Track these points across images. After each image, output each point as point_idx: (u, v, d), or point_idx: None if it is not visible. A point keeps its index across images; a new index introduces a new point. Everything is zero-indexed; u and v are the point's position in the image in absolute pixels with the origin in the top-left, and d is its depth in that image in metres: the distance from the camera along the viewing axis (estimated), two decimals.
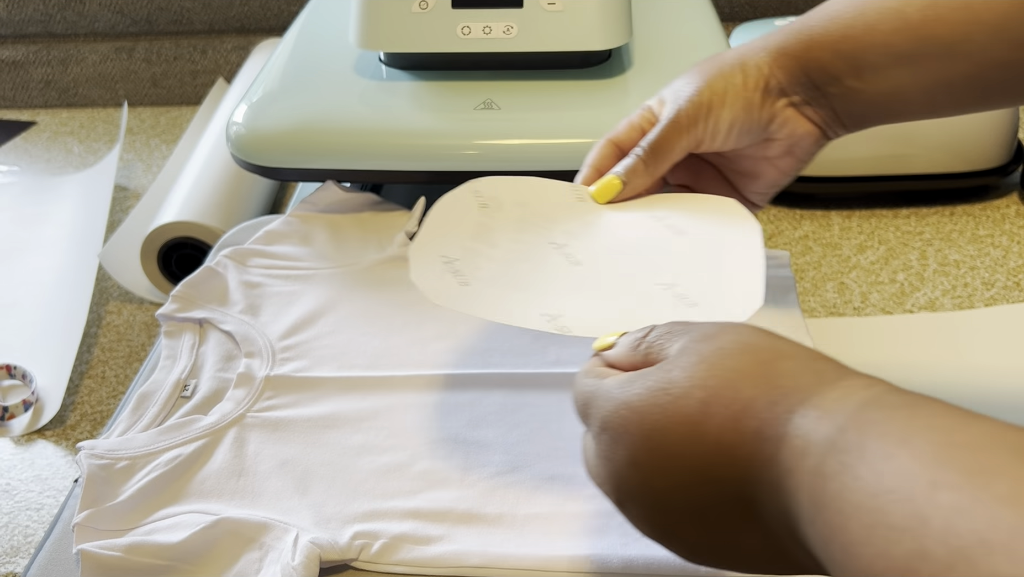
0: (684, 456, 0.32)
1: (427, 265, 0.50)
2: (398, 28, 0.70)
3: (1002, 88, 0.46)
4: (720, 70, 0.49)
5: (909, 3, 0.45)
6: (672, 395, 0.32)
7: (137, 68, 1.20)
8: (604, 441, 0.35)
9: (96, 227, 0.89)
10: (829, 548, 0.26)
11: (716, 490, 0.31)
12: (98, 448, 0.53)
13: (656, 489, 0.33)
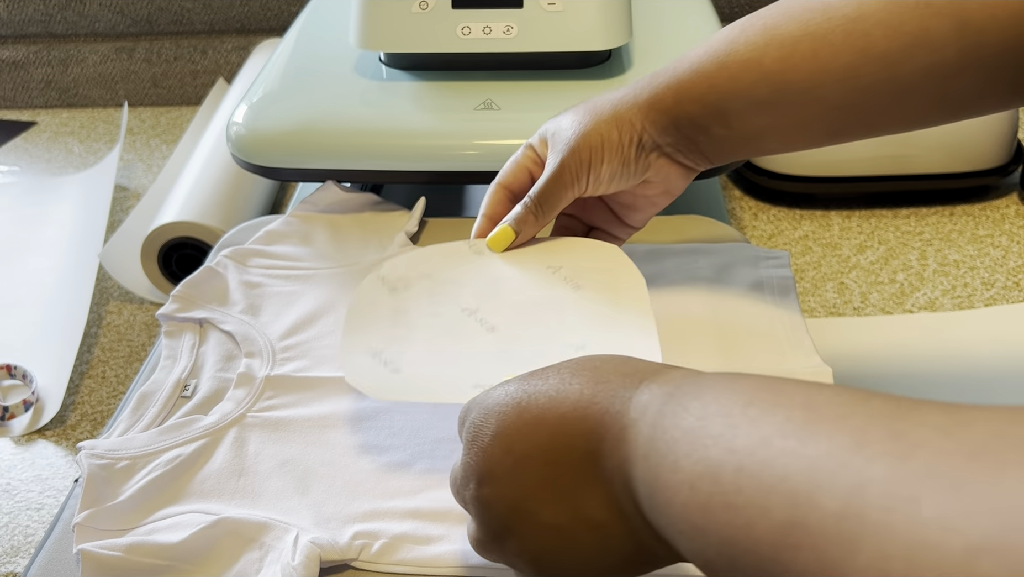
0: (544, 420, 0.36)
1: (357, 362, 0.52)
2: (398, 28, 0.70)
3: (850, 129, 0.51)
4: (597, 126, 0.53)
5: (766, 54, 0.49)
6: (538, 377, 0.38)
7: (137, 68, 1.20)
8: (473, 431, 0.39)
9: (96, 227, 0.89)
10: (656, 480, 0.31)
11: (568, 445, 0.35)
12: (98, 448, 0.53)
13: (516, 454, 0.36)
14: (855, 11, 0.47)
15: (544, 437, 0.36)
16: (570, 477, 0.35)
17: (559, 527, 0.36)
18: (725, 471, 0.28)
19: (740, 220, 0.90)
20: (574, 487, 0.35)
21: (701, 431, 0.30)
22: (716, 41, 0.52)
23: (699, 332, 0.60)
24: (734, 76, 0.50)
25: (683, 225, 0.70)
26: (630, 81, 0.72)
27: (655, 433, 0.32)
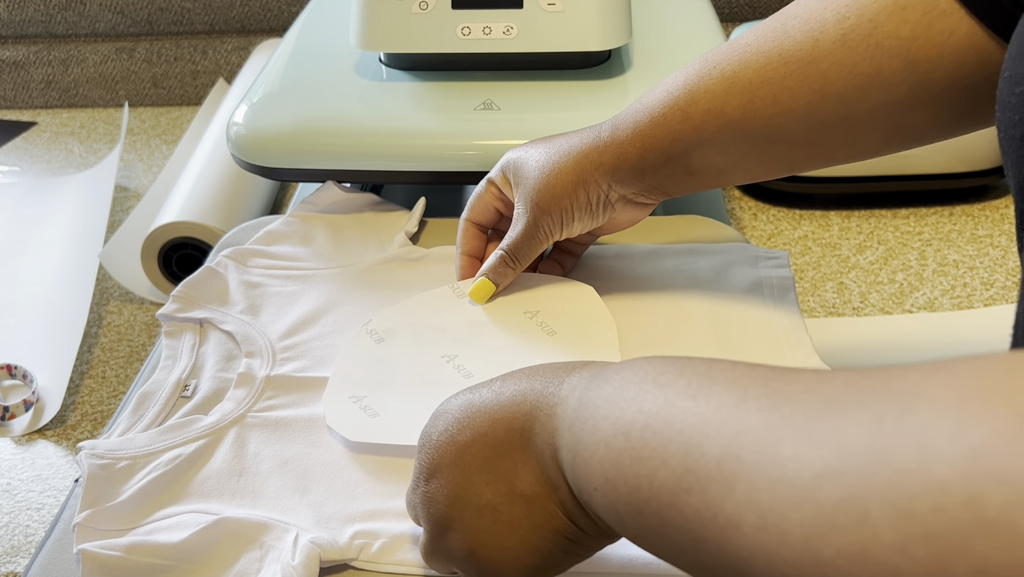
0: (485, 410, 0.40)
1: (339, 408, 0.56)
2: (398, 29, 0.70)
3: (808, 162, 0.54)
4: (564, 185, 0.56)
5: (727, 102, 0.51)
6: (483, 385, 0.42)
7: (138, 69, 1.21)
8: (424, 437, 0.43)
9: (97, 227, 0.89)
10: (578, 444, 0.35)
11: (507, 428, 0.39)
12: (99, 448, 0.53)
13: (459, 443, 0.40)
14: (810, 54, 0.49)
15: (485, 424, 0.39)
16: (507, 458, 0.39)
17: (495, 507, 0.39)
18: (634, 428, 0.32)
19: (740, 220, 0.90)
20: (510, 466, 0.39)
21: (617, 397, 0.34)
22: (675, 88, 0.53)
23: (698, 332, 0.60)
24: (697, 127, 0.52)
25: (683, 225, 0.70)
26: (630, 81, 0.73)
27: (580, 404, 0.36)
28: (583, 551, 0.40)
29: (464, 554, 0.40)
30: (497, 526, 0.39)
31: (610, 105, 0.71)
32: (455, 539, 0.40)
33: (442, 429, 0.41)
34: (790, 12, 0.52)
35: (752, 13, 1.16)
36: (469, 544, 0.40)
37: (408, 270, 0.67)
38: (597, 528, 0.38)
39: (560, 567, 0.40)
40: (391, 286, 0.65)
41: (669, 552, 0.32)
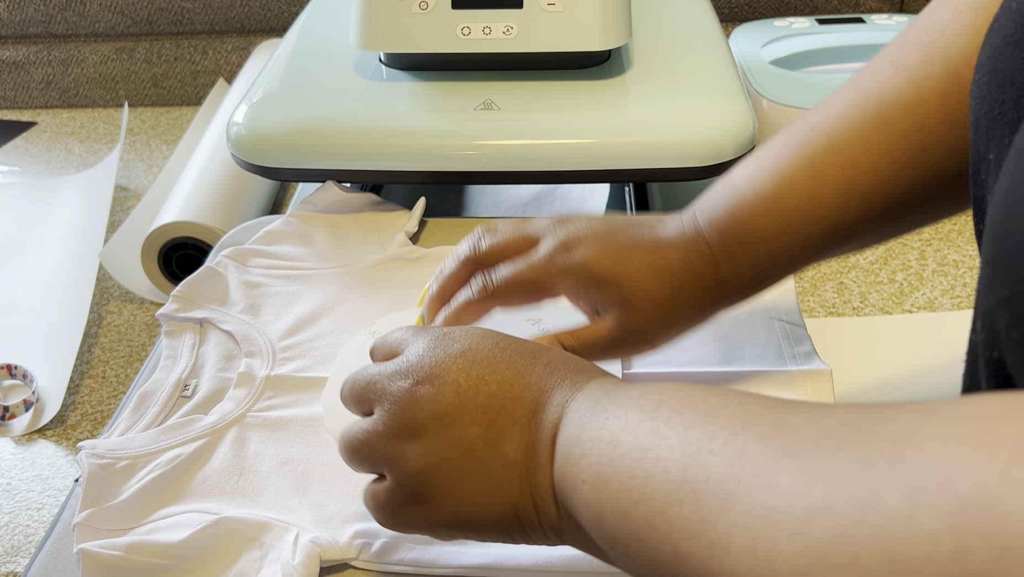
0: (507, 369, 0.40)
1: (336, 410, 0.53)
2: (398, 29, 0.70)
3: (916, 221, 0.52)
4: (678, 314, 0.50)
5: (847, 217, 0.48)
6: (511, 344, 0.42)
7: (138, 69, 1.21)
8: (440, 334, 0.42)
9: (97, 227, 0.89)
10: (581, 435, 0.36)
11: (515, 395, 0.39)
12: (99, 448, 0.53)
13: (471, 375, 0.40)
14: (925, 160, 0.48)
15: (500, 379, 0.39)
16: (505, 416, 0.39)
17: (473, 448, 0.38)
18: (642, 431, 0.34)
19: None
20: (506, 424, 0.39)
21: (635, 404, 0.35)
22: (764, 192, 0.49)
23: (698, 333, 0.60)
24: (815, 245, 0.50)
25: None
26: (630, 81, 0.73)
27: (597, 404, 0.37)
28: (521, 537, 0.40)
29: (415, 469, 0.39)
30: (464, 465, 0.39)
31: (610, 105, 0.71)
32: (414, 451, 0.39)
33: (460, 349, 0.41)
34: (887, 99, 0.48)
35: (752, 13, 1.16)
36: (426, 463, 0.39)
37: (408, 270, 0.67)
38: (551, 524, 0.38)
39: (487, 536, 0.40)
40: (391, 286, 0.65)
41: (640, 561, 0.32)
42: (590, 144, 0.68)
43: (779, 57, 0.95)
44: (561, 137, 0.69)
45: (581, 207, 0.88)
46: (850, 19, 1.03)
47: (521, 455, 0.38)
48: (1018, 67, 0.33)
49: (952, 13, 0.47)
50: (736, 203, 0.49)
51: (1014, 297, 0.27)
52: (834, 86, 0.93)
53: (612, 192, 0.87)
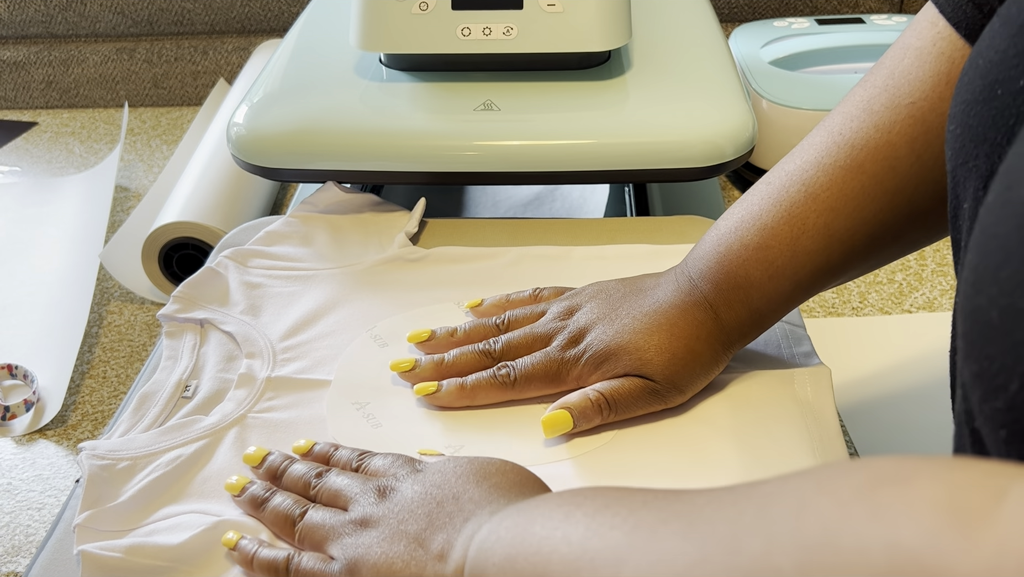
0: (447, 491, 0.45)
1: (343, 413, 0.56)
2: (398, 29, 0.70)
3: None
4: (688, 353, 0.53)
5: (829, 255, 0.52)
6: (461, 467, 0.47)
7: (138, 69, 1.21)
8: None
9: (97, 227, 0.89)
10: (489, 540, 0.40)
11: (449, 513, 0.44)
12: (99, 448, 0.53)
13: (417, 493, 0.45)
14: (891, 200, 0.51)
15: (455, 492, 0.45)
16: (444, 519, 0.43)
17: (408, 543, 0.43)
18: (529, 546, 0.38)
19: None
20: (440, 527, 0.43)
21: (530, 525, 0.39)
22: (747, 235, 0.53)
23: None
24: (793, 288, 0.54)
25: (683, 226, 0.70)
26: (630, 82, 0.73)
27: (505, 516, 0.41)
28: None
29: (359, 553, 0.44)
30: (399, 545, 0.43)
31: (610, 106, 0.71)
32: (367, 536, 0.44)
33: (430, 467, 0.47)
34: (857, 144, 0.51)
35: (752, 13, 1.16)
36: (380, 541, 0.44)
37: (408, 270, 0.67)
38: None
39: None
40: (391, 286, 0.65)
41: None
42: (590, 145, 0.68)
43: (779, 57, 0.95)
44: (561, 138, 0.69)
45: (581, 208, 0.88)
46: (850, 19, 1.03)
47: (441, 549, 0.42)
48: (987, 123, 0.35)
49: (914, 60, 0.49)
50: (724, 255, 0.54)
51: (983, 373, 0.27)
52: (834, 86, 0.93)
53: (612, 192, 0.87)
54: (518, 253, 0.68)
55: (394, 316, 0.63)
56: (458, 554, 0.41)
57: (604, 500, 0.37)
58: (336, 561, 0.44)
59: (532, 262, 0.67)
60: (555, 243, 0.69)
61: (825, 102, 0.87)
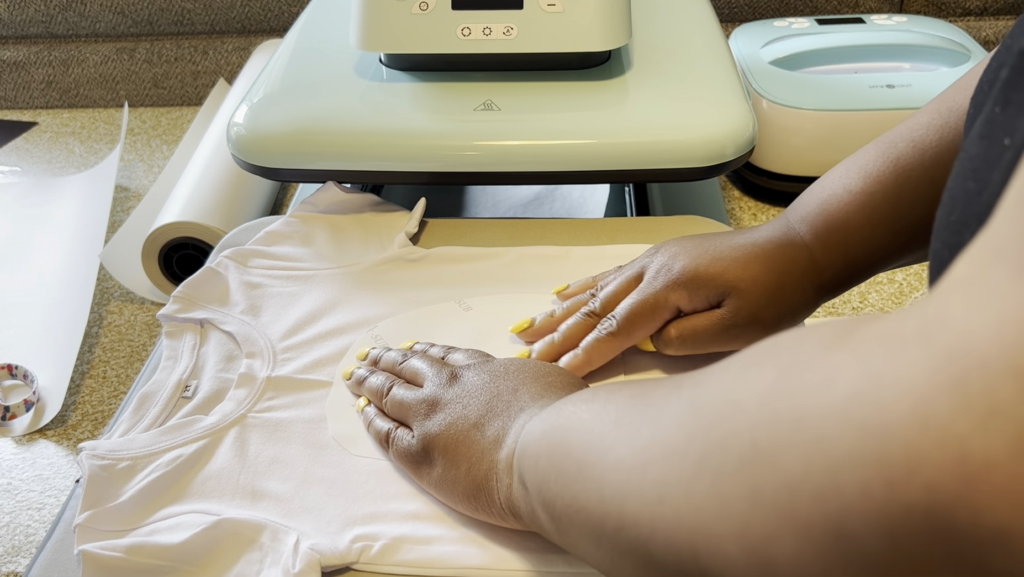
0: (509, 375, 0.50)
1: (343, 413, 0.56)
2: (398, 29, 0.70)
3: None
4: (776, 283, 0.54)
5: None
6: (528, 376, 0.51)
7: (138, 69, 1.21)
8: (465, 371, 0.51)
9: (97, 227, 0.89)
10: (532, 432, 0.43)
11: (520, 395, 0.48)
12: (99, 448, 0.53)
13: (481, 382, 0.50)
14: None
15: (513, 385, 0.49)
16: (501, 408, 0.48)
17: (472, 426, 0.48)
18: (558, 433, 0.41)
19: (740, 220, 0.90)
20: (496, 415, 0.48)
21: (559, 415, 0.42)
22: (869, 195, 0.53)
23: None
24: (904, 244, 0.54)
25: (683, 225, 0.70)
26: (630, 82, 0.73)
27: (543, 415, 0.44)
28: (484, 503, 0.46)
29: (433, 430, 0.49)
30: (462, 437, 0.48)
31: (610, 106, 0.71)
32: (438, 416, 0.49)
33: (496, 362, 0.52)
34: (963, 95, 0.51)
35: (752, 13, 1.16)
36: (441, 428, 0.49)
37: (409, 270, 0.67)
38: (506, 493, 0.45)
39: (458, 497, 0.47)
40: (392, 286, 0.65)
41: (564, 499, 0.38)
42: (590, 145, 0.68)
43: (779, 57, 0.95)
44: (561, 138, 0.69)
45: (581, 208, 0.88)
46: (850, 19, 1.03)
47: (496, 434, 0.47)
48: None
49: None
50: (826, 200, 0.54)
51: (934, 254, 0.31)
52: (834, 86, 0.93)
53: (612, 192, 0.87)
54: (518, 253, 0.68)
55: (394, 316, 0.63)
56: (510, 440, 0.45)
57: (631, 390, 0.38)
58: (415, 438, 0.50)
59: (532, 262, 0.67)
60: (555, 243, 0.69)
61: (825, 102, 0.87)
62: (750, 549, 0.26)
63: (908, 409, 0.22)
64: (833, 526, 0.23)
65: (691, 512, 0.29)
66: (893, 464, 0.22)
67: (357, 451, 0.54)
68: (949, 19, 1.13)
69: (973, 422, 0.20)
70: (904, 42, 0.96)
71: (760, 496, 0.26)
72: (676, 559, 0.30)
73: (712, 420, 0.29)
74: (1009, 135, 0.28)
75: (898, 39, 0.97)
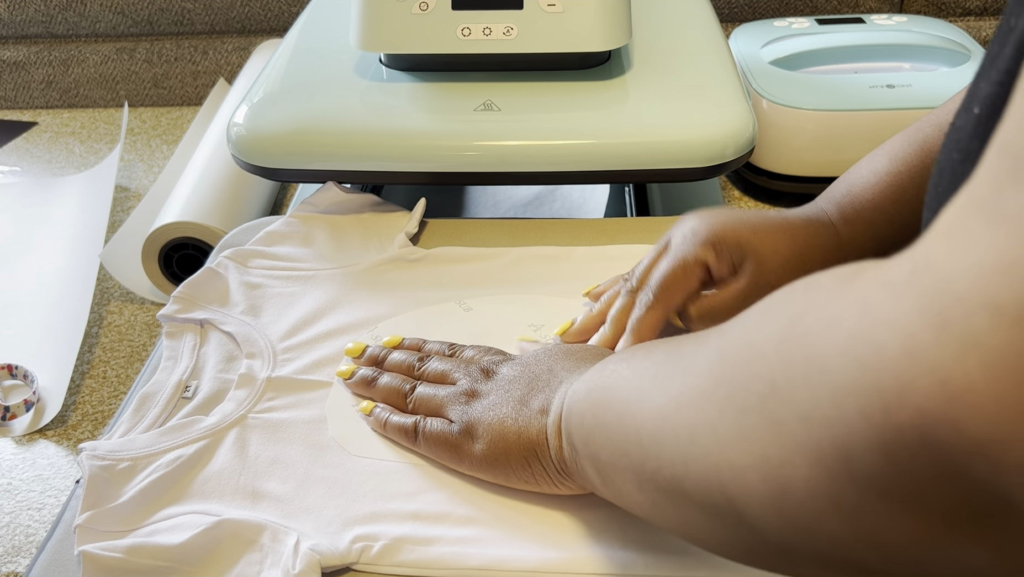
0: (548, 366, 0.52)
1: (343, 414, 0.56)
2: (398, 29, 0.70)
3: None
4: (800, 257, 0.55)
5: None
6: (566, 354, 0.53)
7: (138, 69, 1.21)
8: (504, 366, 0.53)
9: (97, 227, 0.89)
10: (576, 394, 0.46)
11: (557, 372, 0.50)
12: (100, 449, 0.53)
13: (522, 363, 0.52)
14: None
15: (548, 366, 0.51)
16: (543, 391, 0.50)
17: (515, 402, 0.50)
18: (602, 389, 0.43)
19: None
20: (540, 389, 0.50)
21: (602, 372, 0.44)
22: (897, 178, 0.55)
23: None
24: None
25: None
26: (630, 82, 0.73)
27: (587, 377, 0.46)
28: (537, 469, 0.48)
29: (475, 414, 0.50)
30: (508, 408, 0.50)
31: (610, 106, 0.71)
32: (479, 403, 0.51)
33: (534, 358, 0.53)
34: None
35: (752, 13, 1.16)
36: (483, 410, 0.50)
37: (409, 271, 0.67)
38: (557, 454, 0.47)
39: (511, 469, 0.49)
40: (392, 287, 0.65)
41: (611, 451, 0.40)
42: (590, 145, 0.68)
43: (779, 57, 0.95)
44: (561, 138, 0.69)
45: (581, 208, 0.88)
46: (850, 19, 1.03)
47: (542, 405, 0.49)
48: None
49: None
50: (853, 181, 0.56)
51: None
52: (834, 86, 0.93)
53: (612, 192, 0.87)
54: (518, 253, 0.68)
55: (394, 316, 0.63)
56: (555, 406, 0.47)
57: (667, 347, 0.40)
58: (455, 423, 0.51)
59: (532, 262, 0.67)
60: (555, 243, 0.69)
61: (825, 102, 0.87)
62: (769, 477, 0.29)
63: (899, 344, 0.24)
64: (840, 450, 0.26)
65: (718, 448, 0.31)
66: (887, 392, 0.24)
67: (357, 451, 0.54)
68: (949, 19, 1.13)
69: (953, 351, 0.23)
70: (904, 42, 0.96)
71: (777, 429, 0.28)
72: (706, 492, 0.32)
73: (736, 365, 0.32)
74: (978, 104, 0.32)
75: (898, 39, 0.97)
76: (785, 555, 0.31)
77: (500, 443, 0.49)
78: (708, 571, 0.46)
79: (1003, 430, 0.22)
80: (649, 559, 0.47)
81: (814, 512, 0.28)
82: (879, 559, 0.27)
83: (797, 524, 0.29)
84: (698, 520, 0.34)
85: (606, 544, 0.48)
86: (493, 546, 0.48)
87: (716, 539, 0.35)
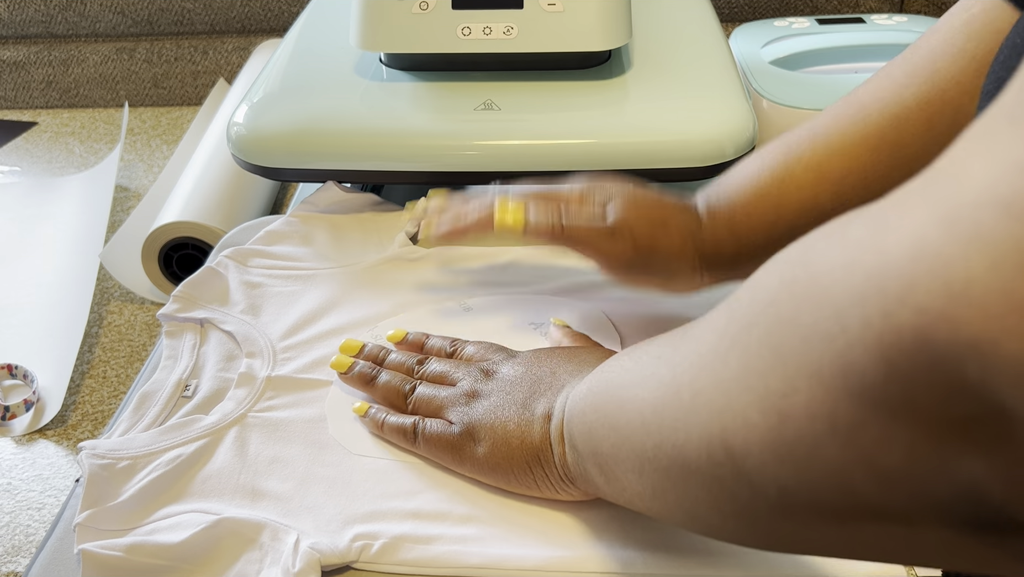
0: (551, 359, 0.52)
1: (343, 413, 0.56)
2: (398, 29, 0.70)
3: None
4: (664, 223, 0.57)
5: (819, 193, 0.54)
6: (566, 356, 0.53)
7: (138, 69, 1.21)
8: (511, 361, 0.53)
9: (97, 227, 0.89)
10: (577, 393, 0.46)
11: (560, 374, 0.51)
12: (99, 448, 0.53)
13: (526, 366, 0.52)
14: (895, 137, 0.53)
15: (550, 368, 0.52)
16: (544, 396, 0.50)
17: (516, 406, 0.50)
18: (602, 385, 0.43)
19: None
20: (542, 394, 0.50)
21: (604, 372, 0.44)
22: (762, 179, 0.56)
23: None
24: (791, 223, 0.56)
25: None
26: (630, 82, 0.73)
27: (589, 379, 0.46)
28: (540, 474, 0.48)
29: (477, 416, 0.50)
30: (510, 411, 0.49)
31: (610, 106, 0.71)
32: (479, 404, 0.51)
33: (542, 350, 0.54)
34: (866, 100, 0.54)
35: (752, 13, 1.16)
36: (484, 412, 0.50)
37: (408, 270, 0.67)
38: (560, 460, 0.47)
39: (512, 474, 0.49)
40: (391, 286, 0.65)
41: (615, 448, 0.40)
42: (590, 144, 0.68)
43: (779, 57, 0.95)
44: (561, 137, 0.69)
45: None
46: (850, 19, 1.03)
47: (545, 410, 0.48)
48: None
49: (942, 40, 0.52)
50: (722, 179, 0.58)
51: None
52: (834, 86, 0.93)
53: None
54: (518, 253, 0.68)
55: (394, 316, 0.63)
56: (558, 410, 0.47)
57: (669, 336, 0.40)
58: (455, 425, 0.51)
59: (532, 262, 0.67)
60: None
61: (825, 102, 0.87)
62: (769, 409, 0.29)
63: (906, 247, 0.24)
64: (839, 363, 0.26)
65: (720, 396, 0.31)
66: (889, 294, 0.24)
67: (357, 450, 0.54)
68: None
69: (958, 247, 0.23)
70: (904, 42, 0.96)
71: (780, 355, 0.28)
72: (707, 453, 0.32)
73: (740, 311, 0.31)
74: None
75: (898, 39, 0.97)
76: (783, 511, 0.30)
77: (502, 447, 0.49)
78: (708, 570, 0.46)
79: (998, 325, 0.22)
80: (649, 558, 0.47)
81: (811, 439, 0.27)
82: (875, 487, 0.27)
83: (793, 458, 0.28)
84: (697, 493, 0.34)
85: (606, 543, 0.48)
86: (493, 545, 0.48)
87: (714, 512, 0.34)
